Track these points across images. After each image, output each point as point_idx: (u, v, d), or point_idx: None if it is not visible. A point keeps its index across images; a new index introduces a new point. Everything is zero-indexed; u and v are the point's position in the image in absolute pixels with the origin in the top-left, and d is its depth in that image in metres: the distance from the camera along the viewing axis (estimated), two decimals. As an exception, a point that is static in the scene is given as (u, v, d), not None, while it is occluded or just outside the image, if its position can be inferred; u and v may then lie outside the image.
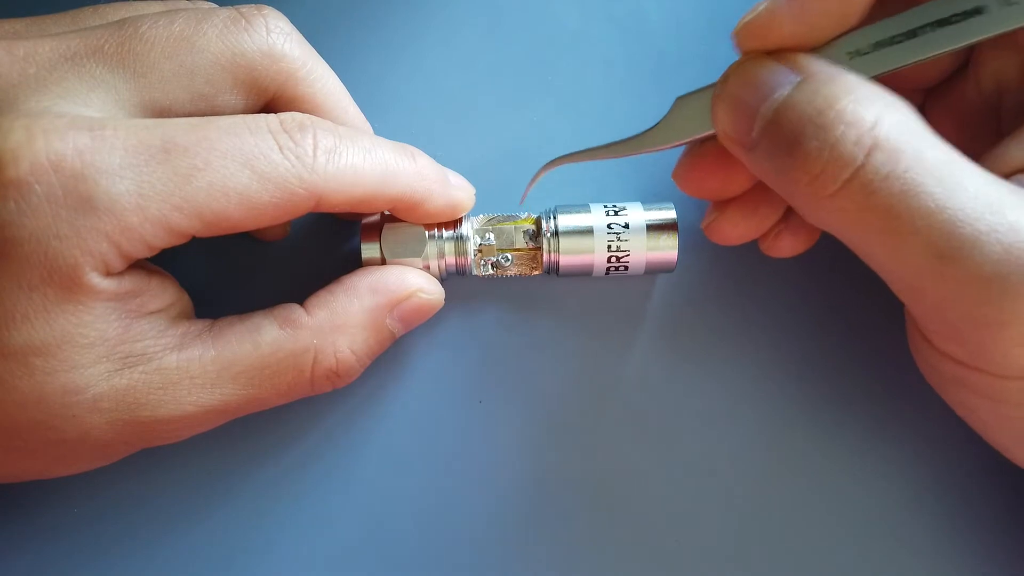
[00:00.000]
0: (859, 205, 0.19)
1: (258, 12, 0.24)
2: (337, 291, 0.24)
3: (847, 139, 0.19)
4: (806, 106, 0.20)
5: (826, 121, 0.19)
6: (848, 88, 0.20)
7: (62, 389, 0.21)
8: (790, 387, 0.28)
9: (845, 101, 0.19)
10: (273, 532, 0.27)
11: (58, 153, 0.19)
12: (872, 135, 0.19)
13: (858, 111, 0.19)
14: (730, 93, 0.22)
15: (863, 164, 0.19)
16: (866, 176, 0.19)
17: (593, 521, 0.28)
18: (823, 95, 0.20)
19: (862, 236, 0.20)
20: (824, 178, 0.20)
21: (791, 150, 0.20)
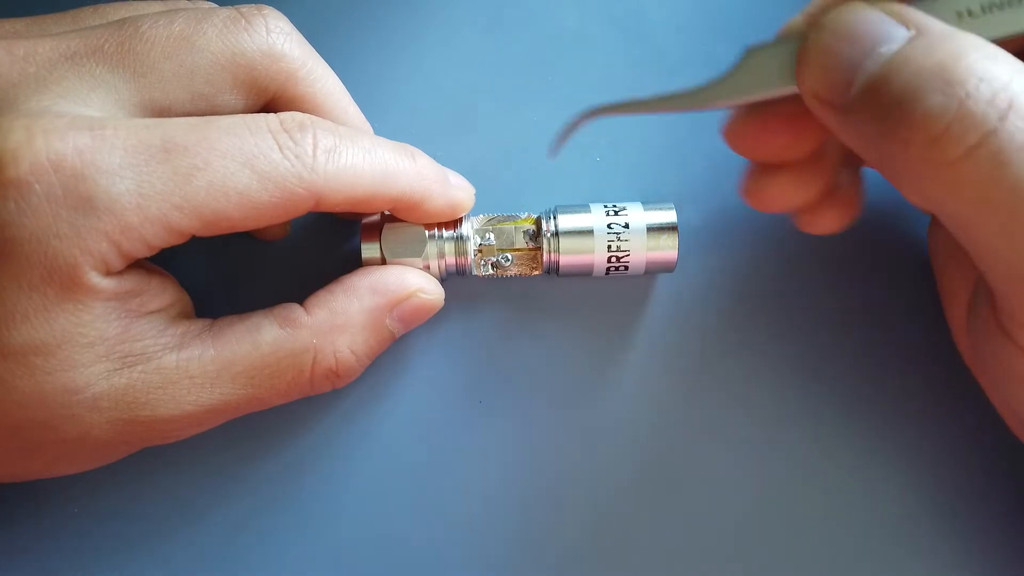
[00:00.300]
0: (984, 177, 0.17)
1: (258, 12, 0.24)
2: (337, 291, 0.24)
3: (980, 95, 0.17)
4: (925, 60, 0.17)
5: (954, 76, 0.17)
6: (972, 46, 0.17)
7: (62, 388, 0.21)
8: (790, 387, 0.28)
9: (974, 56, 0.17)
10: (273, 531, 0.27)
11: (58, 153, 0.19)
12: (1008, 94, 0.16)
13: (990, 67, 0.17)
14: (824, 45, 0.19)
15: (996, 128, 0.16)
16: (999, 143, 0.16)
17: (593, 521, 0.28)
18: (945, 50, 0.17)
19: (978, 213, 0.17)
20: (946, 141, 0.17)
21: (905, 109, 0.17)
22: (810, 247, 0.29)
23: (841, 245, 0.29)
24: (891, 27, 0.18)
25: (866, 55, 0.18)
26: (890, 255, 0.29)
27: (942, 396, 0.28)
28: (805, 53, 0.19)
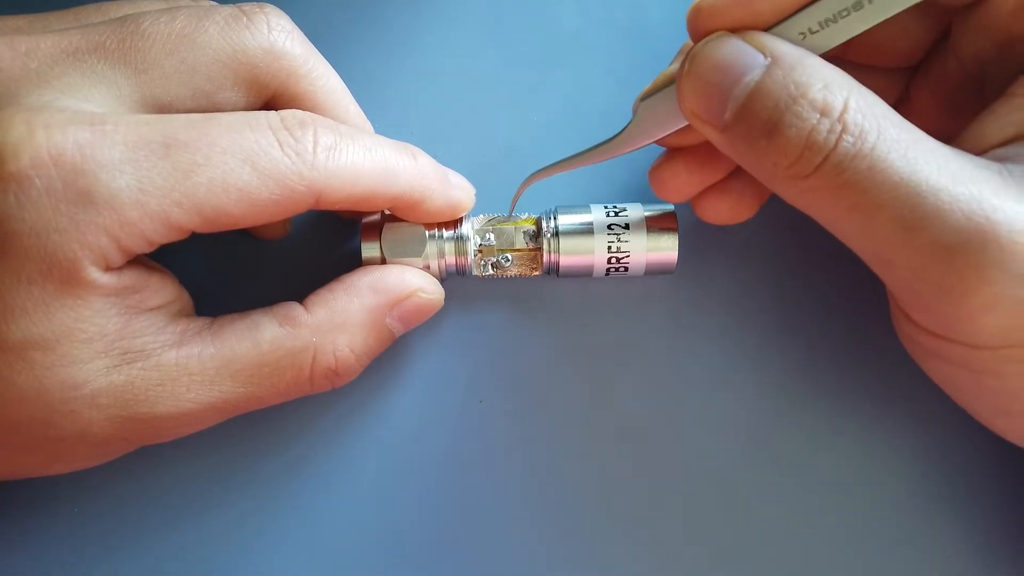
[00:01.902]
0: (830, 184, 0.20)
1: (260, 10, 0.24)
2: (337, 290, 0.24)
3: (822, 127, 0.20)
4: (780, 92, 0.20)
5: (801, 110, 0.20)
6: (815, 73, 0.20)
7: (61, 384, 0.21)
8: (791, 387, 0.28)
9: (816, 88, 0.20)
10: (272, 530, 0.27)
11: (58, 147, 0.19)
12: (842, 120, 0.20)
13: (828, 98, 0.20)
14: (698, 75, 0.22)
15: (834, 147, 0.20)
16: (836, 158, 0.20)
17: (593, 521, 0.28)
18: (794, 81, 0.20)
19: (834, 213, 0.21)
20: (801, 163, 0.20)
21: (770, 136, 0.21)
22: (809, 248, 0.29)
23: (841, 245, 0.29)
24: (751, 56, 0.21)
25: (734, 83, 0.21)
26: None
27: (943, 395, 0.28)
28: (685, 81, 0.22)
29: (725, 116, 0.21)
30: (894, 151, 0.20)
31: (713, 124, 0.22)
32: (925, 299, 0.21)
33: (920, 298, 0.21)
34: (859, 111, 0.20)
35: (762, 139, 0.21)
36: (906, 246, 0.20)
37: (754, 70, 0.21)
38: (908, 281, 0.21)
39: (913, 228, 0.20)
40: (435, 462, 0.28)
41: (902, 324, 0.23)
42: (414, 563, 0.27)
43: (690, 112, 0.22)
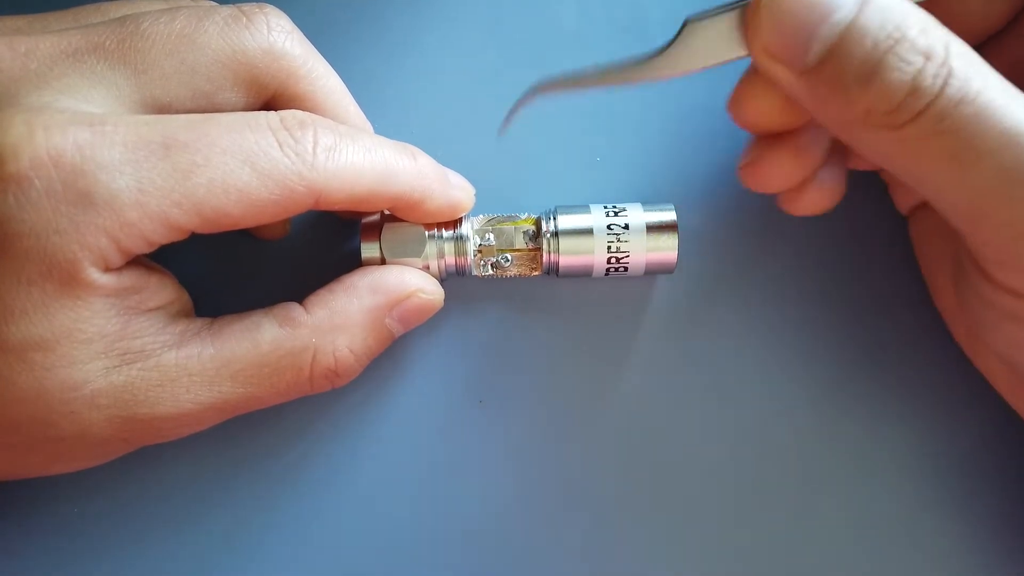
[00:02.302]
0: (930, 132, 0.19)
1: (259, 10, 0.24)
2: (337, 290, 0.24)
3: (928, 71, 0.19)
4: (879, 32, 0.19)
5: (904, 52, 0.19)
6: (911, 15, 0.19)
7: (61, 385, 0.21)
8: (790, 387, 0.28)
9: (916, 30, 0.19)
10: (273, 531, 0.27)
11: (58, 148, 0.19)
12: (948, 65, 0.19)
13: (931, 42, 0.19)
14: (779, 7, 0.20)
15: (940, 93, 0.19)
16: (941, 103, 0.19)
17: (593, 521, 0.28)
18: (893, 23, 0.19)
19: (930, 164, 0.20)
20: (902, 110, 0.19)
21: (867, 80, 0.19)
22: (809, 248, 0.29)
23: (840, 245, 0.29)
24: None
25: (821, 20, 0.19)
26: (889, 256, 0.29)
27: (943, 394, 0.28)
28: (757, 14, 0.20)
29: (808, 57, 0.20)
30: (1000, 99, 0.19)
31: (791, 65, 0.20)
32: (1021, 256, 0.20)
33: (1014, 255, 0.20)
34: (962, 56, 0.19)
35: (856, 84, 0.19)
36: (1008, 197, 0.19)
37: (844, 7, 0.19)
38: (1003, 236, 0.20)
39: (1017, 179, 0.19)
40: (435, 462, 0.28)
41: (975, 288, 0.22)
42: (414, 563, 0.27)
43: (762, 48, 0.21)
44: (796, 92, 0.21)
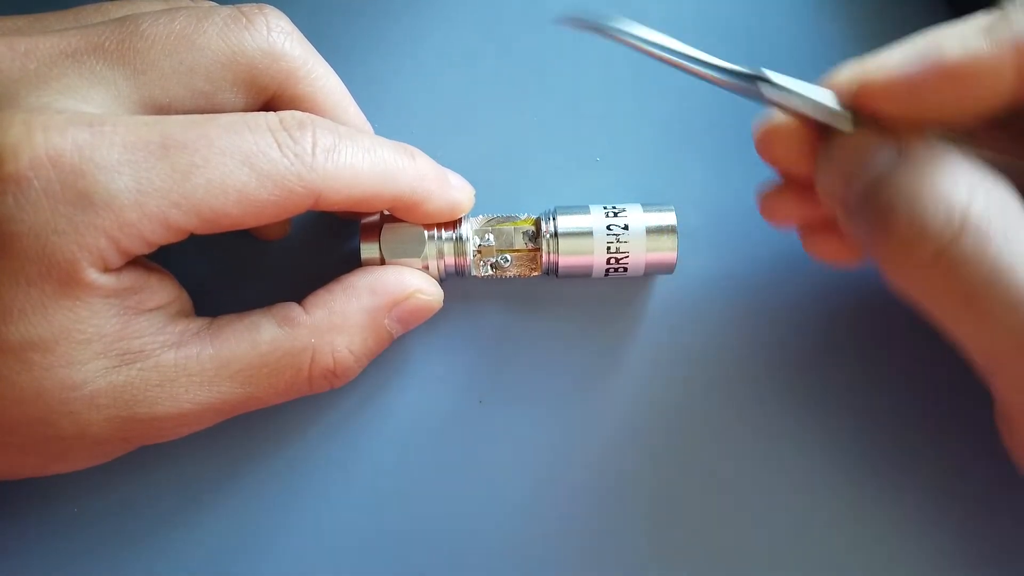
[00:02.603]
0: (946, 280, 0.20)
1: (259, 11, 0.24)
2: (336, 290, 0.24)
3: (938, 218, 0.19)
4: (905, 178, 0.20)
5: (923, 197, 0.20)
6: (945, 167, 0.20)
7: (60, 385, 0.21)
8: (789, 387, 0.28)
9: (940, 180, 0.20)
10: (272, 531, 0.27)
11: (57, 148, 0.20)
12: (963, 216, 0.19)
13: (952, 191, 0.20)
14: (834, 156, 0.22)
15: (951, 243, 0.19)
16: (953, 255, 0.19)
17: (593, 520, 0.28)
18: (921, 173, 0.20)
19: (948, 310, 0.20)
20: (913, 251, 0.20)
21: (887, 220, 0.20)
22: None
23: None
24: (887, 152, 0.21)
25: (864, 174, 0.21)
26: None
27: (944, 394, 0.28)
28: (821, 164, 0.22)
29: (849, 193, 0.21)
30: (1020, 259, 0.19)
31: (841, 205, 0.22)
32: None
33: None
34: (985, 209, 0.19)
35: (879, 223, 0.20)
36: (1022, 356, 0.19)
37: (886, 164, 0.21)
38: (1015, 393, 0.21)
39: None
40: (435, 462, 0.28)
41: (1009, 426, 0.22)
42: (414, 563, 0.27)
43: (823, 192, 0.23)
44: (846, 229, 0.22)
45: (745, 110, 0.29)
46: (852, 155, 0.21)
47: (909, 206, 0.20)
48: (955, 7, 0.30)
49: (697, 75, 0.22)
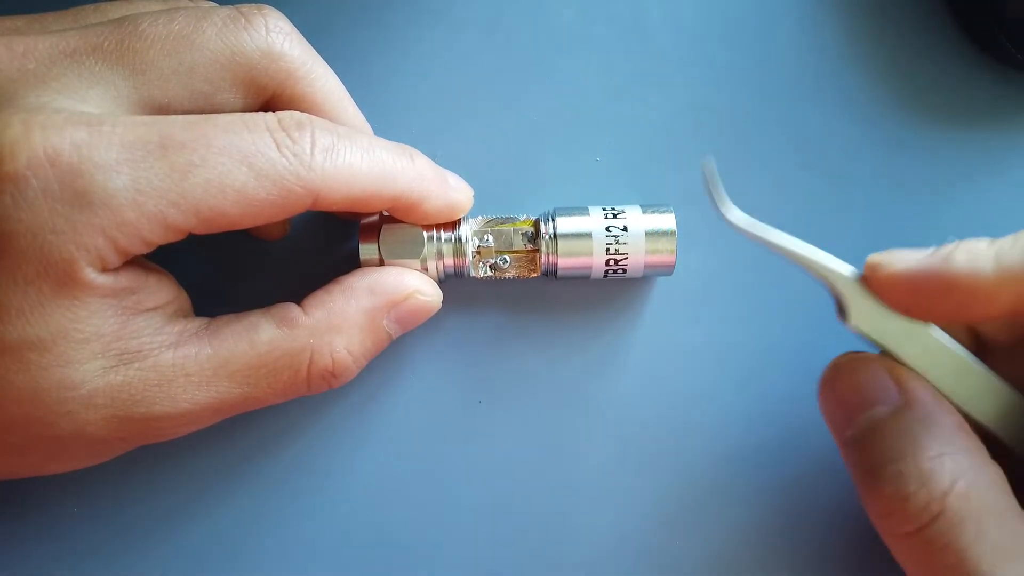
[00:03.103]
0: (917, 551, 0.20)
1: (258, 11, 0.24)
2: (335, 291, 0.24)
3: (918, 499, 0.20)
4: (896, 440, 0.21)
5: (905, 471, 0.20)
6: (939, 435, 0.21)
7: (57, 384, 0.21)
8: (788, 387, 0.28)
9: (929, 456, 0.20)
10: (271, 531, 0.27)
11: (55, 148, 0.20)
12: (942, 502, 0.20)
13: (937, 472, 0.20)
14: (836, 389, 0.23)
15: (926, 525, 0.20)
16: (928, 536, 0.20)
17: (593, 521, 0.28)
18: (914, 436, 0.21)
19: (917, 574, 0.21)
20: (893, 520, 0.21)
21: (873, 480, 0.21)
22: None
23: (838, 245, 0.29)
24: (888, 391, 0.22)
25: (863, 408, 0.22)
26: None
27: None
28: (823, 389, 0.23)
29: (847, 433, 0.22)
30: (987, 556, 0.19)
31: (836, 433, 0.23)
32: None
33: None
34: (966, 499, 0.20)
35: (866, 478, 0.21)
36: None
37: (885, 405, 0.22)
38: None
39: None
40: (434, 463, 0.28)
41: None
42: (413, 564, 0.27)
43: (823, 409, 0.23)
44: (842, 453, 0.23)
45: (745, 110, 0.30)
46: (854, 390, 0.22)
47: (895, 476, 0.21)
48: (955, 7, 0.30)
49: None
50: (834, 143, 0.29)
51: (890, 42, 0.30)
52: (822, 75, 0.30)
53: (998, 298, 0.20)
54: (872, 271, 0.22)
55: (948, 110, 0.30)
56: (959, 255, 0.21)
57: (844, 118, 0.30)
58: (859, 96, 0.30)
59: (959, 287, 0.20)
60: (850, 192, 0.29)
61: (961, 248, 0.21)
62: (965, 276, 0.20)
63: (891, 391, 0.22)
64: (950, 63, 0.30)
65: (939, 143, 0.30)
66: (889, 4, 0.30)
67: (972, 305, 0.21)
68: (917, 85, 0.30)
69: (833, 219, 0.29)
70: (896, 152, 0.29)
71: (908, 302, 0.21)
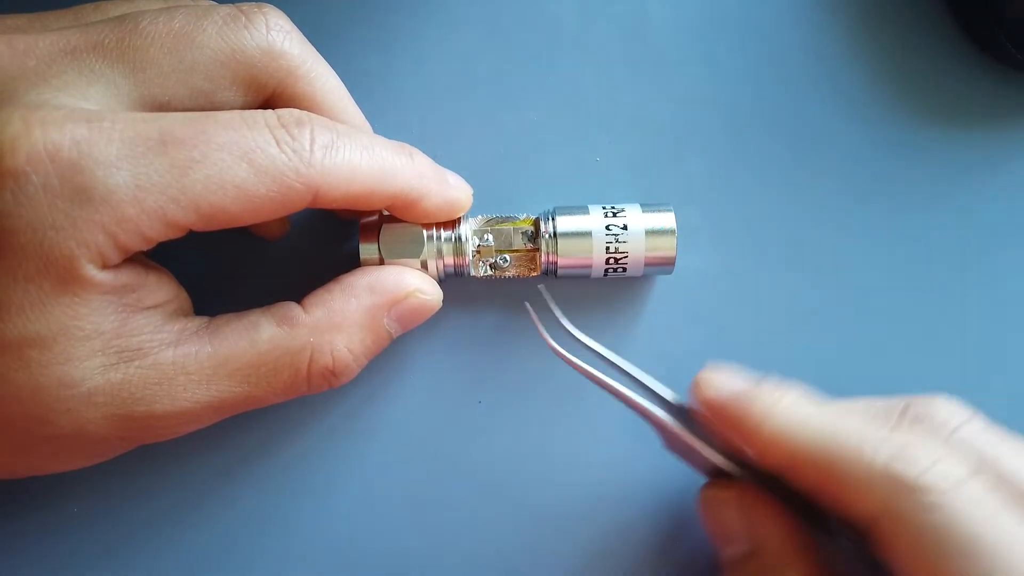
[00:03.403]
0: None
1: (258, 10, 0.24)
2: (335, 290, 0.24)
3: None
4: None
5: None
6: None
7: (57, 382, 0.21)
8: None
9: None
10: (273, 531, 0.27)
11: (55, 144, 0.20)
12: None
13: None
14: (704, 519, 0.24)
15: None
16: None
17: (593, 520, 0.28)
18: None
19: None
20: None
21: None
22: (808, 247, 0.29)
23: (837, 245, 0.29)
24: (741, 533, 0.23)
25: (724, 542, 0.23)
26: (885, 255, 0.29)
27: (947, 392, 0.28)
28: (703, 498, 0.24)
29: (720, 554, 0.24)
30: None
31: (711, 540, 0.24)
32: None
33: None
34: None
35: None
36: None
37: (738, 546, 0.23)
38: None
39: None
40: (434, 463, 0.28)
41: None
42: (413, 563, 0.27)
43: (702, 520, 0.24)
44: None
45: (744, 110, 0.30)
46: (716, 524, 0.23)
47: None
48: (955, 7, 0.30)
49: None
50: (834, 143, 0.29)
51: (890, 42, 0.30)
52: (822, 75, 0.30)
53: (769, 452, 0.21)
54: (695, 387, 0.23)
55: (948, 110, 0.30)
56: (761, 398, 0.22)
57: (844, 118, 0.30)
58: (859, 96, 0.30)
59: (743, 426, 0.22)
60: (850, 192, 0.29)
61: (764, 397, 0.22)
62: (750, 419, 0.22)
63: (745, 533, 0.22)
64: (950, 63, 0.30)
65: (939, 143, 0.30)
66: (889, 4, 0.30)
67: (749, 445, 0.22)
68: (917, 85, 0.30)
69: (833, 219, 0.29)
70: (896, 152, 0.29)
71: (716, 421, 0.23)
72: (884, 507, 0.19)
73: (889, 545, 0.19)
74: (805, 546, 0.22)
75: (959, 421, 0.22)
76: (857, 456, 0.20)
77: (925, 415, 0.22)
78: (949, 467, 0.19)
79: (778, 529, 0.22)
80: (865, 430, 0.20)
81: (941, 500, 0.19)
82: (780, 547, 0.22)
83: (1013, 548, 0.18)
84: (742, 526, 0.22)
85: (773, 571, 0.22)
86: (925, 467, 0.19)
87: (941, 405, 0.22)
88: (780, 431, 0.21)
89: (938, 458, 0.19)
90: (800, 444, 0.21)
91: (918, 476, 0.19)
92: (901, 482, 0.19)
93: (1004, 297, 0.29)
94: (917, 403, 0.22)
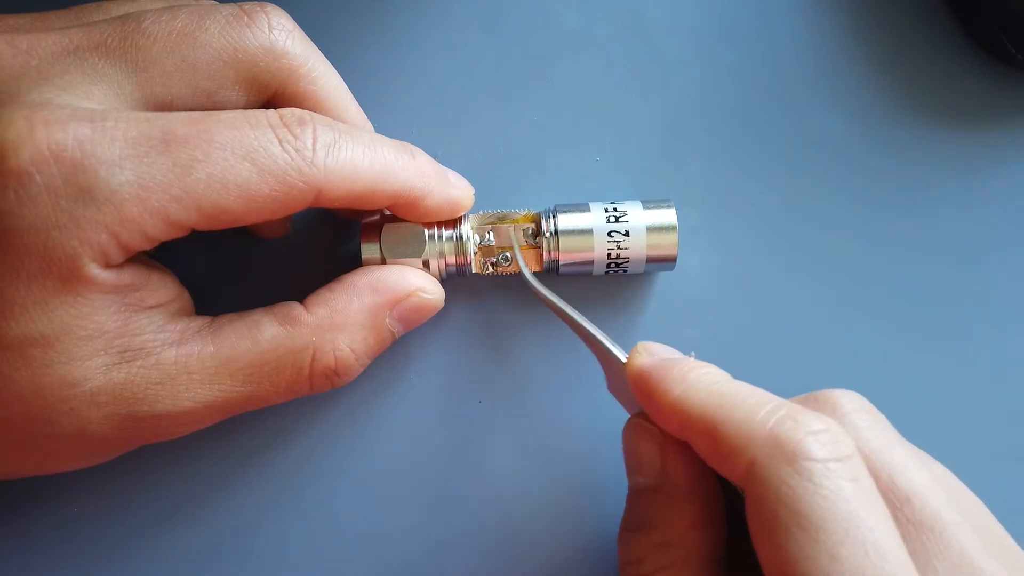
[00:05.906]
0: None
1: (261, 9, 0.24)
2: (337, 289, 0.24)
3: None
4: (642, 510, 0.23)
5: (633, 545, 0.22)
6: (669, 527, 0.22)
7: (60, 381, 0.21)
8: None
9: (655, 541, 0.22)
10: (273, 531, 0.27)
11: (58, 143, 0.20)
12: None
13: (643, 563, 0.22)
14: (623, 445, 0.24)
15: None
16: None
17: (592, 521, 0.27)
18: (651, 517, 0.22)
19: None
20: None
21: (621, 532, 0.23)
22: (808, 246, 0.29)
23: (837, 244, 0.29)
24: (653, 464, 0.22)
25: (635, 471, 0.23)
26: (885, 253, 0.29)
27: (945, 393, 0.28)
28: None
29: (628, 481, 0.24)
30: None
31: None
32: None
33: None
34: None
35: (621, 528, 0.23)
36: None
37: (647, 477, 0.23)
38: None
39: None
40: (435, 462, 0.28)
41: None
42: (413, 563, 0.27)
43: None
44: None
45: (744, 110, 0.30)
46: (630, 453, 0.23)
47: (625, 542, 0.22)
48: (955, 6, 0.30)
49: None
50: (833, 142, 0.29)
51: (890, 41, 0.30)
52: (822, 74, 0.30)
53: (670, 421, 0.21)
54: (631, 353, 0.23)
55: (948, 109, 0.30)
56: (674, 371, 0.22)
57: (844, 117, 0.30)
58: (859, 96, 0.30)
59: (653, 396, 0.22)
60: (849, 191, 0.29)
61: (681, 366, 0.22)
62: (661, 385, 0.22)
63: (654, 465, 0.22)
64: (950, 63, 0.30)
65: (939, 142, 0.30)
66: (889, 3, 0.30)
67: (653, 413, 0.22)
68: (917, 84, 0.30)
69: (832, 218, 0.29)
70: (896, 152, 0.30)
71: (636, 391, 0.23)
72: (757, 465, 0.19)
73: (752, 510, 0.19)
74: (709, 490, 0.22)
75: (853, 407, 0.22)
76: (747, 417, 0.19)
77: (824, 399, 0.22)
78: (833, 438, 0.19)
79: (685, 468, 0.22)
80: (761, 398, 0.20)
81: (814, 468, 0.18)
82: (683, 483, 0.22)
83: (866, 539, 0.17)
84: (654, 457, 0.22)
85: (670, 506, 0.22)
86: (808, 432, 0.19)
87: (843, 394, 0.22)
88: (682, 397, 0.21)
89: (824, 429, 0.19)
90: (695, 408, 0.21)
91: (800, 440, 0.18)
92: (780, 442, 0.19)
93: (1004, 296, 0.29)
94: (823, 392, 0.22)
